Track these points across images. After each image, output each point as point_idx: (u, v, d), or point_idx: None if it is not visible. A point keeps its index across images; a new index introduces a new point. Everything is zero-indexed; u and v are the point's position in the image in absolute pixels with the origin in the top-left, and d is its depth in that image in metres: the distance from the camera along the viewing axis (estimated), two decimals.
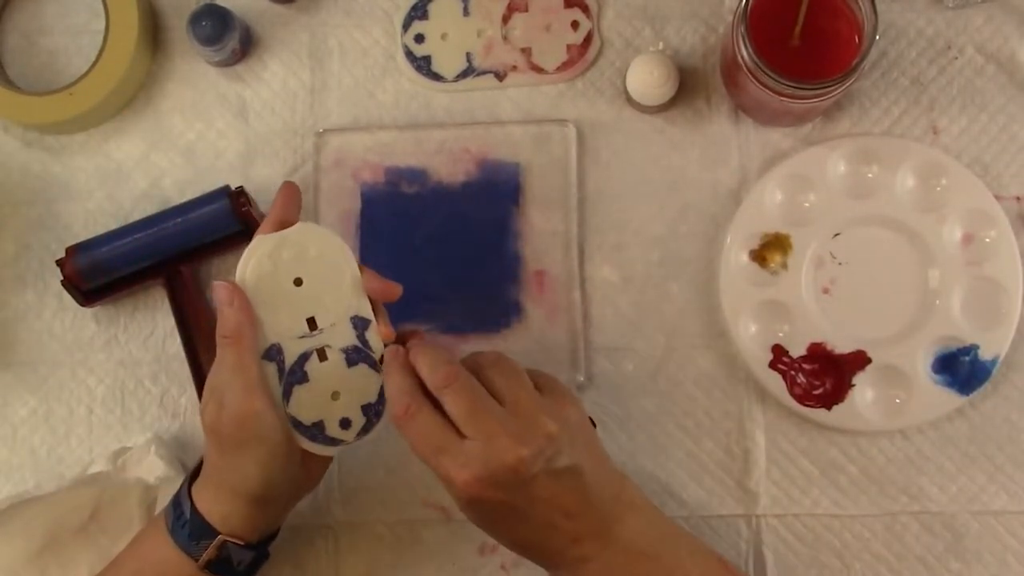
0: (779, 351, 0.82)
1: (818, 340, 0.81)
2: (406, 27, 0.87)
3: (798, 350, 0.81)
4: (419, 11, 0.87)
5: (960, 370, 0.81)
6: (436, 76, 0.87)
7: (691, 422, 0.83)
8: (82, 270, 0.82)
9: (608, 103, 0.86)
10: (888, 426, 0.81)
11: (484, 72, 0.86)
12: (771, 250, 0.83)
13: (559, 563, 0.69)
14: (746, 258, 0.83)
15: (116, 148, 0.87)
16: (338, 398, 0.71)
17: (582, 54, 0.86)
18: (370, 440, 0.72)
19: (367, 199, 0.85)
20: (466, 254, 0.85)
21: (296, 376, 0.71)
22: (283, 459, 0.70)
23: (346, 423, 0.72)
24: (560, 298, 0.84)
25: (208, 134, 0.87)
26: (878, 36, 0.74)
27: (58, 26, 0.89)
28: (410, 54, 0.87)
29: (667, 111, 0.85)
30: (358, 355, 0.71)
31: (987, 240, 0.82)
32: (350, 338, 0.71)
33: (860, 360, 0.81)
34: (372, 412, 0.72)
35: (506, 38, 0.87)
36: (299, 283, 0.71)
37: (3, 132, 0.88)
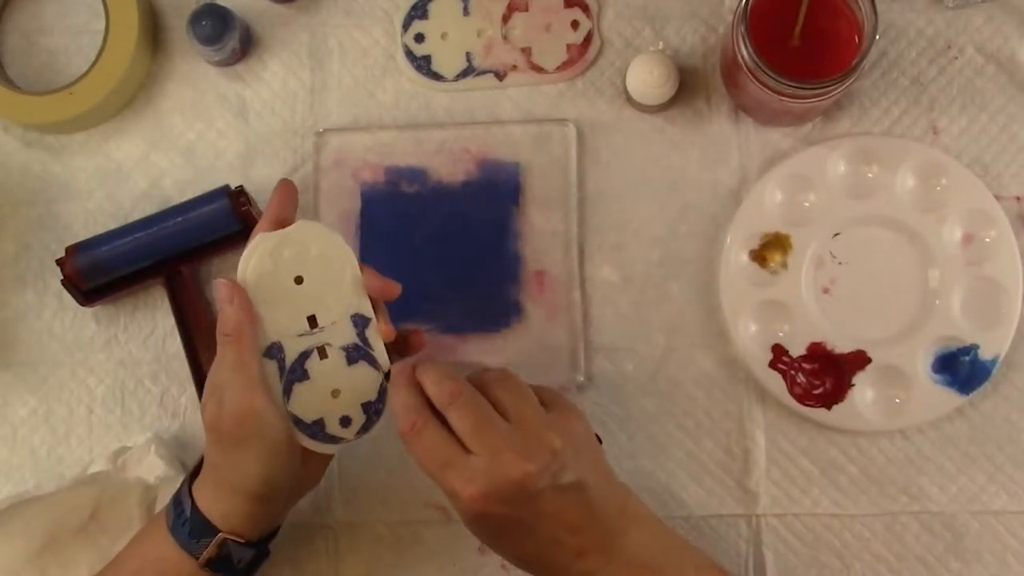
0: (779, 351, 0.81)
1: (818, 340, 0.81)
2: (406, 27, 0.87)
3: (798, 350, 0.81)
4: (419, 11, 0.87)
5: (960, 370, 0.81)
6: (436, 76, 0.87)
7: (691, 422, 0.83)
8: (82, 270, 0.82)
9: (608, 103, 0.86)
10: (888, 426, 0.81)
11: (484, 72, 0.86)
12: (771, 250, 0.83)
13: None
14: (746, 258, 0.83)
15: (116, 148, 0.87)
16: (338, 396, 0.72)
17: (582, 54, 0.86)
18: (370, 438, 0.72)
19: (367, 199, 0.85)
20: (466, 254, 0.85)
21: (296, 374, 0.71)
22: (283, 457, 0.70)
23: (346, 421, 0.72)
24: (560, 298, 0.84)
25: (208, 134, 0.87)
26: (878, 36, 0.74)
27: (58, 26, 0.89)
28: (410, 54, 0.87)
29: (667, 111, 0.85)
30: (358, 353, 0.71)
31: (987, 240, 0.82)
32: (350, 336, 0.71)
33: (860, 360, 0.81)
34: (372, 410, 0.72)
35: (506, 38, 0.87)
36: (300, 281, 0.71)
37: (3, 132, 0.88)
